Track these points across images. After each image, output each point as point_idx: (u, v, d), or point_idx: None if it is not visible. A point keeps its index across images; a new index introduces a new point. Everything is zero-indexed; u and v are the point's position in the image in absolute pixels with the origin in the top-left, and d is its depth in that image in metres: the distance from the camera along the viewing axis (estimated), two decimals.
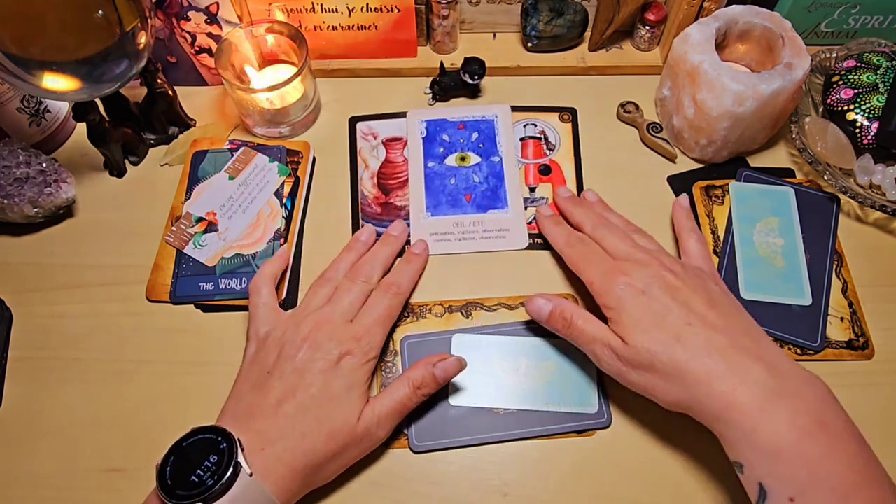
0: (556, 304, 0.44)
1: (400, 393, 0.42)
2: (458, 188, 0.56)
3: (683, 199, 0.52)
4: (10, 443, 0.45)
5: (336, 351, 0.41)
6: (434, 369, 0.42)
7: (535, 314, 0.45)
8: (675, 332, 0.38)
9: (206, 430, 0.37)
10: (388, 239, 0.51)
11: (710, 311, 0.40)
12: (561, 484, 0.43)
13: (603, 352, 0.41)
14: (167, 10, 0.56)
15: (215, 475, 0.34)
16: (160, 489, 0.35)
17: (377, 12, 0.59)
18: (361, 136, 0.59)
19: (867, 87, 0.54)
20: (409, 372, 0.43)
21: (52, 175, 0.52)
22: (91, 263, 0.53)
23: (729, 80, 0.50)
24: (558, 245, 0.49)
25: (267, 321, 0.44)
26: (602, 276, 0.43)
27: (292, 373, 0.40)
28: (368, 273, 0.47)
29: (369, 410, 0.41)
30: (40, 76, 0.44)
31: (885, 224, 0.54)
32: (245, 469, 0.35)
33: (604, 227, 0.47)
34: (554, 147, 0.58)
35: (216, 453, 0.35)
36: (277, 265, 0.49)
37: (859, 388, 0.47)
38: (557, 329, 0.44)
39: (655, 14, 0.60)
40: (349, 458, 0.41)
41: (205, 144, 0.57)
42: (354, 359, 0.41)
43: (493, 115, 0.59)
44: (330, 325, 0.42)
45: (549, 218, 0.52)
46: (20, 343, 0.49)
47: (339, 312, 0.44)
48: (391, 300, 0.46)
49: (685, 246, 0.48)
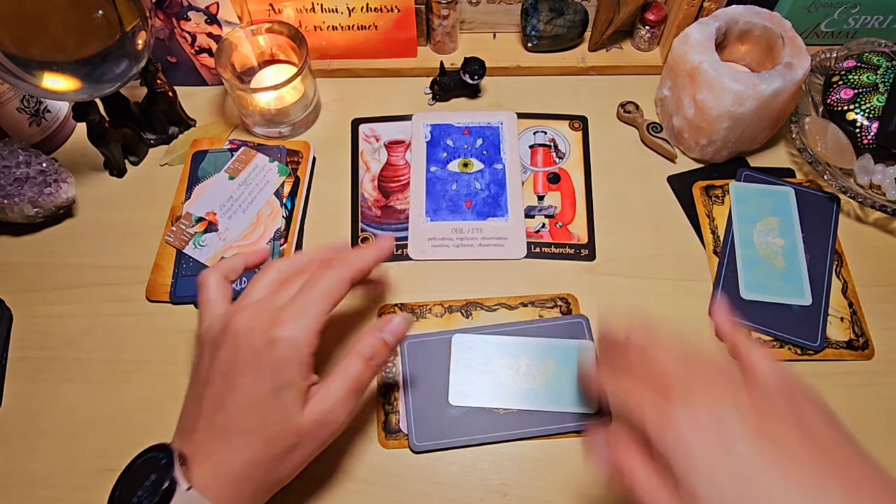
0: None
1: (352, 370, 0.37)
2: (459, 194, 0.56)
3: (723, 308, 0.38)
4: (10, 443, 0.45)
5: (257, 342, 0.35)
6: (383, 335, 0.38)
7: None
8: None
9: (153, 448, 0.35)
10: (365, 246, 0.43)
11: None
12: (561, 484, 0.43)
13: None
14: (167, 10, 0.56)
15: (152, 494, 0.33)
16: None
17: (377, 12, 0.59)
18: (363, 138, 0.59)
19: (867, 87, 0.54)
20: (357, 345, 0.38)
21: (52, 175, 0.52)
22: (91, 263, 0.53)
23: (729, 80, 0.50)
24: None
25: (208, 316, 0.39)
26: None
27: (219, 378, 0.36)
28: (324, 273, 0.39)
29: (317, 401, 0.36)
30: (40, 76, 0.44)
31: (885, 224, 0.54)
32: (181, 484, 0.33)
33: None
34: (564, 155, 0.58)
35: (155, 471, 0.34)
36: (240, 262, 0.43)
37: (859, 388, 0.47)
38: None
39: (655, 14, 0.60)
40: (304, 454, 0.37)
41: (205, 144, 0.57)
42: (277, 350, 0.35)
43: (499, 121, 0.59)
44: (253, 314, 0.36)
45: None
46: (20, 343, 0.49)
47: (270, 300, 0.37)
48: (333, 276, 0.38)
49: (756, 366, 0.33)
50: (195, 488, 0.33)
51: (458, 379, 0.46)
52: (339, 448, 0.44)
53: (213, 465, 0.35)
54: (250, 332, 0.35)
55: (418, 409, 0.45)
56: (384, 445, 0.44)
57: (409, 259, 0.53)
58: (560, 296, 0.50)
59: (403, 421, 0.45)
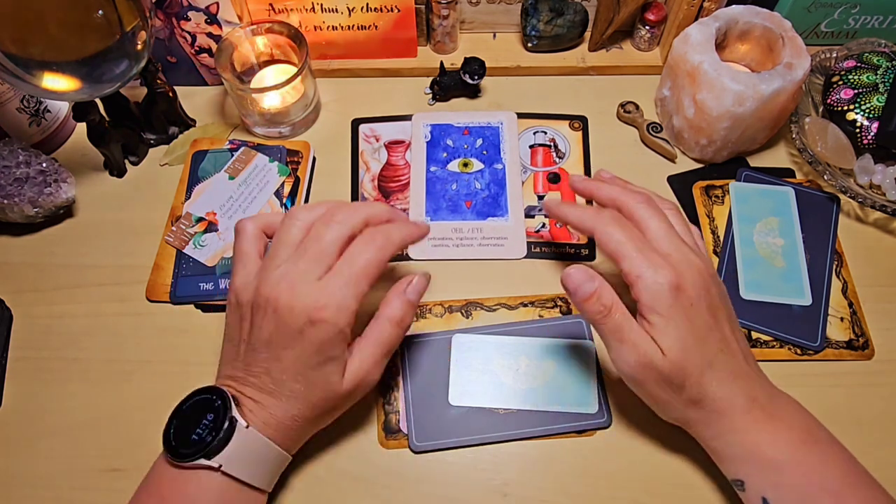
0: (599, 286, 0.38)
1: (383, 335, 0.39)
2: (459, 194, 0.55)
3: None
4: (10, 443, 0.45)
5: (297, 323, 0.36)
6: (406, 296, 0.40)
7: (572, 288, 0.38)
8: (711, 357, 0.38)
9: (203, 390, 0.38)
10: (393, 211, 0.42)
11: (732, 335, 0.39)
12: (561, 484, 0.43)
13: (632, 355, 0.37)
14: (167, 10, 0.56)
15: (213, 431, 0.35)
16: (166, 450, 0.36)
17: (377, 12, 0.59)
18: (363, 138, 0.59)
19: (867, 87, 0.54)
20: (384, 310, 0.39)
21: (52, 175, 0.52)
22: (91, 263, 0.53)
23: (729, 80, 0.50)
24: (587, 223, 0.41)
25: (243, 272, 0.39)
26: (653, 273, 0.37)
27: (263, 346, 0.37)
28: (346, 216, 0.39)
29: (354, 369, 0.38)
30: (40, 76, 0.44)
31: (885, 224, 0.54)
32: (241, 422, 0.36)
33: (644, 203, 0.41)
34: (564, 155, 0.58)
35: (212, 411, 0.36)
36: (272, 220, 0.42)
37: (859, 388, 0.47)
38: (589, 312, 0.38)
39: (655, 14, 0.60)
40: (342, 410, 0.41)
41: (205, 144, 0.57)
42: (319, 331, 0.36)
43: (499, 122, 0.59)
44: (290, 287, 0.36)
45: (562, 203, 0.44)
46: (20, 343, 0.49)
47: (304, 269, 0.37)
48: (372, 253, 0.38)
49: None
50: (254, 427, 0.36)
51: (458, 379, 0.46)
52: (339, 448, 0.44)
53: (264, 413, 0.37)
54: (291, 310, 0.36)
55: (418, 409, 0.45)
56: (384, 445, 0.44)
57: (409, 259, 0.53)
58: (560, 296, 0.50)
59: (403, 421, 0.45)
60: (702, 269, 0.38)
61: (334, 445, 0.44)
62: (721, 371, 0.38)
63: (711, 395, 0.37)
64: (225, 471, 0.35)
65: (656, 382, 0.38)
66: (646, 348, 0.37)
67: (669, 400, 0.38)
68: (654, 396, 0.39)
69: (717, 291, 0.39)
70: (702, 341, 0.37)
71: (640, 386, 0.39)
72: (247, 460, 0.36)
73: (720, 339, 0.38)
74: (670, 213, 0.42)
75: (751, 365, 0.39)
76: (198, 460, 0.35)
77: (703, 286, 0.38)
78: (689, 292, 0.37)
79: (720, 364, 0.38)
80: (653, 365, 0.37)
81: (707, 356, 0.38)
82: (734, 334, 0.40)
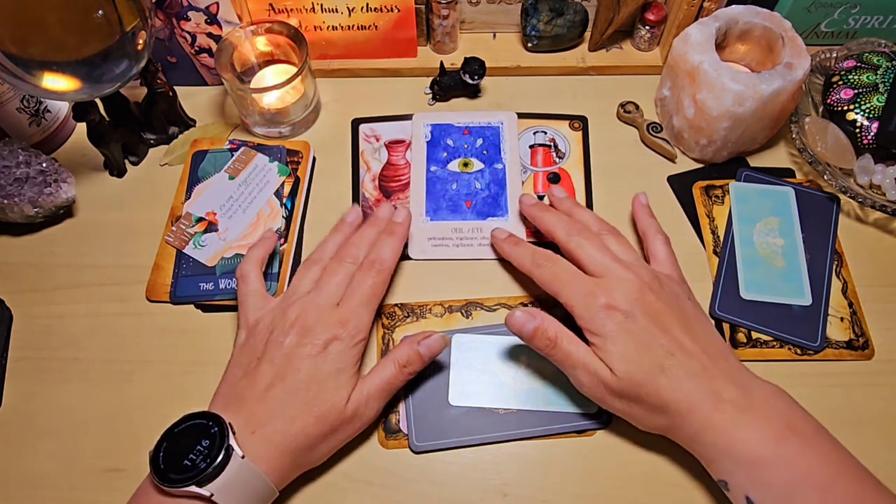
0: (541, 322, 0.41)
1: (387, 372, 0.42)
2: (460, 194, 0.55)
3: (643, 196, 0.51)
4: (10, 443, 0.45)
5: (323, 336, 0.41)
6: (419, 347, 0.43)
7: (517, 330, 0.42)
8: (659, 362, 0.39)
9: (197, 415, 0.37)
10: (374, 220, 0.49)
11: (686, 336, 0.40)
12: (561, 484, 0.43)
13: (586, 377, 0.40)
14: (167, 10, 0.56)
15: (207, 458, 0.35)
16: (154, 474, 0.35)
17: (377, 12, 0.59)
18: (364, 138, 0.59)
19: (867, 87, 0.54)
20: (395, 352, 0.43)
21: (52, 175, 0.52)
22: (91, 263, 0.53)
23: (729, 80, 0.50)
24: (525, 267, 0.46)
25: (256, 308, 0.44)
26: (583, 298, 0.41)
27: (281, 358, 0.40)
28: (355, 254, 0.46)
29: (358, 392, 0.41)
30: (40, 76, 0.44)
31: (885, 224, 0.54)
32: (237, 451, 0.36)
33: (578, 233, 0.45)
34: (564, 155, 0.58)
35: (207, 437, 0.36)
36: (263, 249, 0.48)
37: (859, 388, 0.47)
38: (539, 348, 0.42)
39: (655, 14, 0.60)
40: (339, 439, 0.41)
41: (205, 144, 0.57)
42: (342, 343, 0.41)
43: (499, 121, 0.59)
44: (317, 310, 0.42)
45: (505, 240, 0.49)
46: (20, 343, 0.49)
47: (325, 296, 0.43)
48: (374, 278, 0.44)
49: (652, 249, 0.47)
50: (248, 457, 0.36)
51: (458, 379, 0.46)
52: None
53: (267, 432, 0.38)
54: (318, 324, 0.41)
55: (418, 409, 0.45)
56: (384, 445, 0.44)
57: (409, 259, 0.53)
58: None
59: (403, 421, 0.45)
60: (632, 282, 0.41)
61: None
62: (675, 373, 0.38)
63: (670, 399, 0.38)
64: (216, 500, 0.35)
65: (616, 398, 0.40)
66: (595, 367, 0.40)
67: (635, 412, 0.40)
68: (621, 411, 0.41)
69: (655, 298, 0.41)
70: (645, 349, 0.39)
71: (604, 403, 0.41)
72: (238, 491, 0.36)
73: (668, 342, 0.39)
74: (606, 237, 0.46)
75: (716, 362, 0.39)
76: (188, 487, 0.34)
77: (637, 298, 0.40)
78: (622, 307, 0.40)
79: (672, 367, 0.38)
80: (605, 382, 0.39)
81: (655, 362, 0.39)
82: (688, 335, 0.40)
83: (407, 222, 0.49)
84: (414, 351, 0.43)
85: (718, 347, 0.41)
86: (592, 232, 0.46)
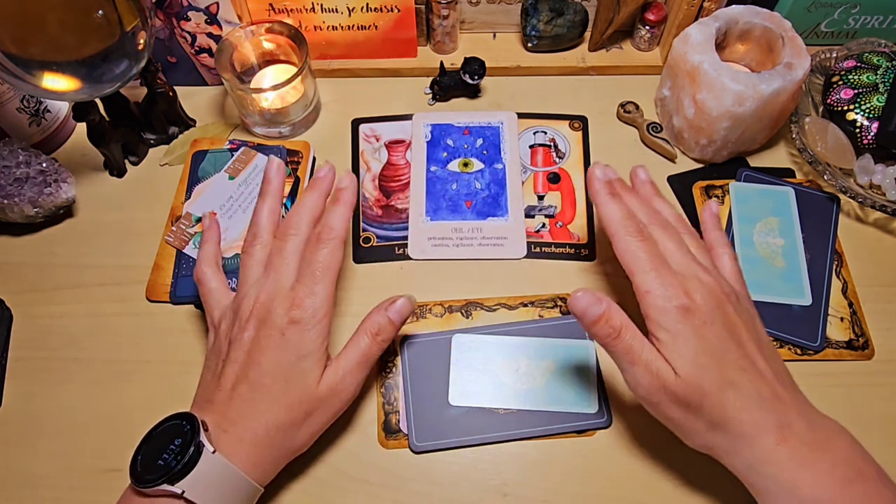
0: (607, 308, 0.37)
1: (361, 345, 0.41)
2: (460, 194, 0.55)
3: (714, 205, 0.46)
4: (10, 443, 0.45)
5: (280, 322, 0.39)
6: (388, 313, 0.42)
7: (580, 312, 0.38)
8: (730, 375, 0.36)
9: (173, 417, 0.37)
10: (313, 183, 0.45)
11: (759, 356, 0.37)
12: (561, 484, 0.43)
13: (645, 377, 0.36)
14: (167, 10, 0.56)
15: (178, 455, 0.35)
16: (130, 475, 0.35)
17: (377, 12, 0.59)
18: (364, 138, 0.59)
19: (867, 87, 0.54)
20: (365, 323, 0.42)
21: (52, 175, 0.52)
22: (91, 263, 0.53)
23: (729, 80, 0.50)
24: (612, 227, 0.41)
25: (218, 307, 0.43)
26: (661, 289, 0.37)
27: (242, 355, 0.39)
28: (297, 224, 0.42)
29: (331, 370, 0.40)
30: (40, 76, 0.44)
31: (885, 224, 0.54)
32: (207, 448, 0.35)
33: (659, 225, 0.41)
34: (564, 155, 0.58)
35: (180, 436, 0.36)
36: (213, 244, 0.46)
37: (859, 388, 0.47)
38: (599, 336, 0.38)
39: (655, 14, 0.60)
40: (320, 421, 0.40)
41: (205, 144, 0.57)
42: (300, 326, 0.39)
43: (499, 121, 0.59)
44: (269, 297, 0.40)
45: (605, 185, 0.43)
46: (20, 343, 0.49)
47: (276, 280, 0.40)
48: (325, 249, 0.41)
49: (719, 264, 0.43)
50: (220, 452, 0.36)
51: (458, 379, 0.46)
52: (339, 448, 0.44)
53: (238, 430, 0.37)
54: (271, 313, 0.39)
55: (418, 410, 0.45)
56: (384, 445, 0.44)
57: (409, 259, 0.53)
58: (560, 296, 0.50)
59: (403, 421, 0.45)
60: (714, 288, 0.38)
61: (334, 445, 0.44)
62: (745, 391, 0.36)
63: (735, 418, 0.35)
64: (188, 497, 0.34)
65: (674, 404, 0.36)
66: (658, 367, 0.36)
67: (691, 423, 0.37)
68: (674, 420, 0.37)
69: (733, 310, 0.38)
70: (718, 359, 0.36)
71: (658, 409, 0.38)
72: (211, 487, 0.35)
73: (741, 357, 0.37)
74: (686, 236, 0.42)
75: (786, 389, 0.37)
76: (161, 485, 0.34)
77: (716, 304, 0.37)
78: (700, 310, 0.37)
79: (744, 384, 0.36)
80: (666, 385, 0.36)
81: (726, 374, 0.36)
82: (762, 355, 0.37)
83: (353, 186, 0.44)
84: (384, 318, 0.42)
85: (785, 375, 0.38)
86: (674, 228, 0.42)
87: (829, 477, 0.34)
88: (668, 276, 0.38)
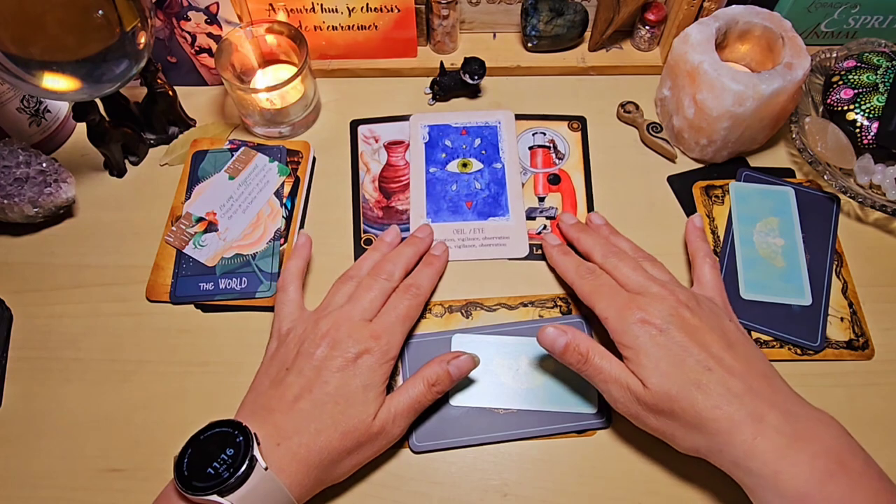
0: (572, 338, 0.41)
1: (415, 391, 0.42)
2: (460, 194, 0.55)
3: (697, 219, 0.50)
4: (10, 443, 0.45)
5: (354, 349, 0.41)
6: (448, 367, 0.43)
7: (548, 346, 0.42)
8: (695, 377, 0.38)
9: (223, 423, 0.37)
10: (412, 240, 0.50)
11: (727, 353, 0.39)
12: (561, 484, 0.43)
13: (620, 393, 0.40)
14: (167, 10, 0.56)
15: (231, 468, 0.35)
16: (178, 480, 0.35)
17: (377, 12, 0.59)
18: (363, 139, 0.59)
19: (867, 87, 0.54)
20: (424, 370, 0.43)
21: (52, 175, 0.52)
22: (91, 263, 0.53)
23: (729, 80, 0.50)
24: (569, 277, 0.47)
25: (289, 318, 0.45)
26: (618, 311, 0.41)
27: (310, 370, 0.40)
28: (390, 271, 0.47)
29: (385, 409, 0.41)
30: (40, 76, 0.44)
31: (885, 224, 0.54)
32: (260, 463, 0.35)
33: (614, 255, 0.45)
34: (563, 156, 0.58)
35: (232, 446, 0.36)
36: (302, 260, 0.49)
37: (859, 388, 0.47)
38: (571, 364, 0.41)
39: (655, 14, 0.60)
40: (364, 455, 0.41)
41: (205, 144, 0.57)
42: (372, 357, 0.41)
43: (497, 121, 0.59)
44: (349, 324, 0.42)
45: (556, 248, 0.50)
46: (20, 343, 0.49)
47: (359, 310, 0.43)
48: (410, 300, 0.45)
49: (699, 272, 0.46)
50: (271, 469, 0.36)
51: None
52: None
53: (292, 445, 0.38)
54: (349, 338, 0.41)
55: None
56: None
57: None
58: (560, 296, 0.50)
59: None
60: (666, 298, 0.41)
61: None
62: (712, 390, 0.37)
63: (708, 416, 0.37)
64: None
65: (650, 413, 0.39)
66: (627, 381, 0.39)
67: (671, 430, 0.39)
68: (656, 429, 0.40)
69: (691, 314, 0.40)
70: (678, 363, 0.38)
71: (639, 420, 0.40)
72: (258, 503, 0.35)
73: (704, 358, 0.38)
74: (643, 261, 0.46)
75: (763, 382, 0.38)
76: (210, 496, 0.34)
77: (672, 314, 0.40)
78: (655, 322, 0.39)
79: (710, 383, 0.37)
80: (639, 397, 0.39)
81: (690, 376, 0.38)
82: (729, 353, 0.39)
83: (445, 257, 0.51)
84: (444, 370, 0.43)
85: (762, 369, 0.39)
86: (629, 256, 0.46)
87: (811, 471, 0.34)
88: (622, 300, 0.42)
